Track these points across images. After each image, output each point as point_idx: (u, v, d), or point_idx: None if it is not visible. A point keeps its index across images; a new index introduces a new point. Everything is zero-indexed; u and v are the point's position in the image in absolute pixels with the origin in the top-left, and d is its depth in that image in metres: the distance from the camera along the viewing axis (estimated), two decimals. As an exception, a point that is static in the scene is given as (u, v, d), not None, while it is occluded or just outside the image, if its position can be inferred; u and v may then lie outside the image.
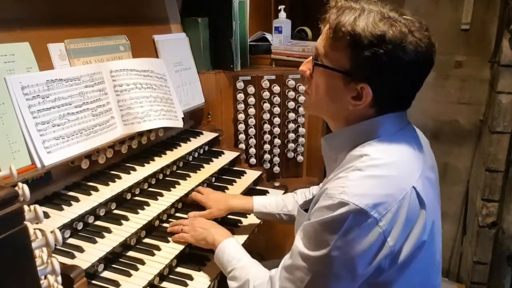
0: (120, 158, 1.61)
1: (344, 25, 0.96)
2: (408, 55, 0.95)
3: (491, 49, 2.76)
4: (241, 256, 1.24)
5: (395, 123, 1.05)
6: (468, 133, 2.98)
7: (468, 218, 3.05)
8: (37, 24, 1.39)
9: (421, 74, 1.02)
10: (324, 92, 1.06)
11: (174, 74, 1.90)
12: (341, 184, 0.95)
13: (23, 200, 0.84)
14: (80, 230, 1.30)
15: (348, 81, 1.00)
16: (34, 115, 1.26)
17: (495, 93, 2.52)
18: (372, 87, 0.98)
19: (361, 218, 0.91)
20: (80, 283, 1.04)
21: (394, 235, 0.94)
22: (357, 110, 1.03)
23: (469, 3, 2.75)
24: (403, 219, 0.94)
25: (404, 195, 0.94)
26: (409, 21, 0.97)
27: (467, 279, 2.91)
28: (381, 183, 0.94)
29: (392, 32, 0.94)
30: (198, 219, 1.46)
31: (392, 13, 0.98)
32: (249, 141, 2.16)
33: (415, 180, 0.98)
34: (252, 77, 2.09)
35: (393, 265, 0.97)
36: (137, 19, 1.82)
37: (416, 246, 0.99)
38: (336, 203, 0.93)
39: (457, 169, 3.07)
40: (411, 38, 0.95)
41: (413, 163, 1.02)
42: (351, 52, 0.97)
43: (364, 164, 0.96)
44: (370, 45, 0.94)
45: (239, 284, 1.15)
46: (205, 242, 1.35)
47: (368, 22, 0.94)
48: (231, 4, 2.01)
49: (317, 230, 0.96)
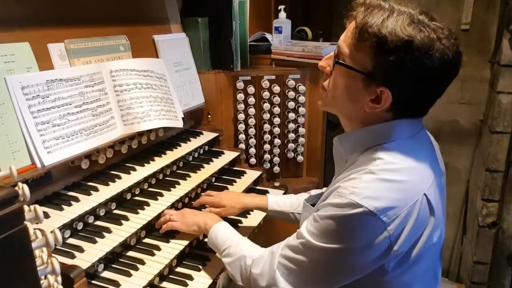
0: (120, 158, 1.61)
1: (371, 26, 0.92)
2: (433, 63, 0.91)
3: (491, 49, 2.76)
4: (236, 236, 1.25)
5: (410, 128, 1.03)
6: (468, 133, 2.97)
7: (468, 218, 3.05)
8: (37, 24, 1.39)
9: (444, 83, 0.99)
10: (342, 91, 1.03)
11: (174, 74, 1.90)
12: (352, 184, 0.95)
13: (23, 200, 0.84)
14: (80, 230, 1.30)
15: (368, 83, 0.97)
16: (34, 115, 1.26)
17: (495, 93, 2.52)
18: (392, 91, 0.95)
19: (369, 220, 0.91)
20: (80, 283, 1.04)
21: (400, 241, 0.93)
22: (374, 113, 1.00)
23: (469, 3, 2.75)
24: (411, 226, 0.93)
25: (415, 201, 0.94)
26: (439, 28, 0.94)
27: (467, 279, 2.91)
28: (393, 187, 0.93)
29: (420, 37, 0.90)
30: (186, 209, 1.47)
31: (422, 16, 0.94)
32: (249, 141, 2.16)
33: (427, 187, 0.97)
34: (252, 77, 2.09)
35: (397, 268, 0.98)
36: (137, 19, 1.82)
37: (422, 251, 0.99)
38: (345, 203, 0.93)
39: (457, 169, 3.07)
40: (439, 46, 0.91)
41: (426, 170, 1.00)
42: (375, 55, 0.94)
43: (378, 168, 0.95)
44: (395, 49, 0.90)
45: (234, 259, 1.15)
46: (198, 228, 1.35)
47: (397, 25, 0.91)
48: (231, 4, 2.01)
49: (324, 223, 0.96)
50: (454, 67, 0.96)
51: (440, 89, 1.00)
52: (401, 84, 0.95)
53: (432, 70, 0.92)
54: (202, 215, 1.39)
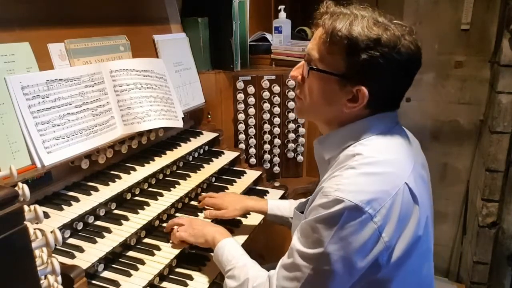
0: (120, 158, 1.61)
1: (340, 29, 0.99)
2: (401, 57, 0.99)
3: (491, 49, 2.76)
4: (241, 256, 1.24)
5: (386, 122, 1.08)
6: (468, 133, 2.98)
7: (468, 218, 3.05)
8: (37, 24, 1.39)
9: (412, 74, 1.06)
10: (319, 96, 1.08)
11: (174, 74, 1.90)
12: (336, 182, 0.98)
13: (23, 200, 0.84)
14: (80, 230, 1.30)
15: (344, 84, 1.03)
16: (34, 115, 1.26)
17: (495, 93, 2.52)
18: (368, 88, 1.01)
19: (356, 214, 0.93)
20: (80, 283, 1.04)
21: (389, 231, 0.96)
22: (352, 112, 1.06)
23: (469, 3, 2.75)
24: (397, 214, 0.96)
25: (397, 190, 0.97)
26: (399, 26, 1.02)
27: (467, 279, 2.91)
28: (374, 180, 0.97)
29: (386, 35, 0.98)
30: (195, 219, 1.47)
31: (382, 18, 1.02)
32: (249, 141, 2.16)
33: (407, 176, 1.00)
34: (252, 77, 2.09)
35: (390, 261, 0.99)
36: (137, 19, 1.82)
37: (412, 242, 1.01)
38: (331, 200, 0.95)
39: (457, 169, 3.07)
40: (404, 41, 0.99)
41: (404, 159, 1.04)
42: (348, 56, 1.00)
43: (358, 163, 0.99)
44: (366, 48, 0.97)
45: (238, 284, 1.15)
46: (205, 241, 1.35)
47: (363, 26, 0.98)
48: (231, 4, 2.01)
49: (314, 228, 0.98)
50: (418, 59, 1.05)
51: (409, 81, 1.07)
52: (375, 80, 1.01)
53: (401, 63, 1.00)
54: (211, 228, 1.37)
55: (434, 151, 3.05)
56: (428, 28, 2.84)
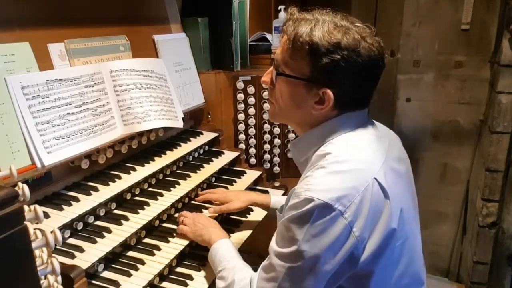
0: (120, 158, 1.61)
1: (301, 35, 1.03)
2: (363, 59, 1.02)
3: (491, 49, 2.76)
4: (232, 258, 1.26)
5: (355, 121, 1.11)
6: (468, 133, 2.97)
7: (468, 218, 3.05)
8: (37, 24, 1.39)
9: (375, 75, 1.09)
10: (288, 100, 1.11)
11: (174, 74, 1.90)
12: (306, 182, 1.01)
13: (23, 200, 0.84)
14: (80, 230, 1.30)
15: (310, 88, 1.06)
16: (34, 115, 1.26)
17: (495, 93, 2.51)
18: (333, 90, 1.04)
19: (326, 211, 0.96)
20: (80, 283, 1.04)
21: (359, 225, 0.98)
22: (320, 114, 1.09)
23: (469, 3, 2.75)
24: (368, 209, 0.98)
25: (366, 186, 0.99)
26: (360, 28, 1.05)
27: (467, 279, 2.91)
28: (343, 177, 0.99)
29: (346, 39, 1.01)
30: (200, 216, 1.49)
31: (344, 21, 1.05)
32: (249, 141, 2.16)
33: (377, 171, 1.02)
34: (252, 77, 2.09)
35: (366, 254, 1.01)
36: (137, 19, 1.82)
37: (387, 234, 1.03)
38: (302, 200, 0.98)
39: (457, 169, 3.07)
40: (364, 44, 1.02)
41: (374, 155, 1.06)
42: (311, 60, 1.03)
43: (327, 162, 1.02)
44: (327, 52, 1.00)
45: (226, 284, 1.17)
46: (202, 239, 1.38)
47: (324, 31, 1.01)
48: (231, 4, 2.01)
49: (287, 227, 1.00)
50: (381, 60, 1.07)
51: (374, 81, 1.09)
52: (339, 82, 1.04)
53: (363, 65, 1.02)
54: (210, 229, 1.40)
55: (434, 151, 3.05)
56: (428, 28, 2.84)
